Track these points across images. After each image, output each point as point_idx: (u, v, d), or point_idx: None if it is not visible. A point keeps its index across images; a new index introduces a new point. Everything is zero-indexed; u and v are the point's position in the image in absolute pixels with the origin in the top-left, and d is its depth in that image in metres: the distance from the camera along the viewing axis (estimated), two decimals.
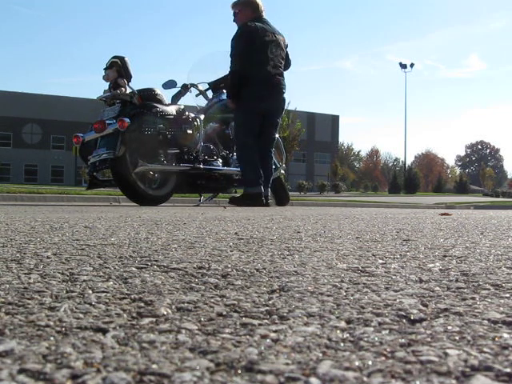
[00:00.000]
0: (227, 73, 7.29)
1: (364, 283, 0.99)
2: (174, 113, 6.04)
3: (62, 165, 53.26)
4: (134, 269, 1.12)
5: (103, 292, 0.87)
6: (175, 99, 7.06)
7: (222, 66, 7.38)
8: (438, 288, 0.94)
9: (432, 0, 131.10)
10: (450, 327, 0.67)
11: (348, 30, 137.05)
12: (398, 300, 0.83)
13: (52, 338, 0.61)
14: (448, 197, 31.26)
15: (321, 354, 0.56)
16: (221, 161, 6.62)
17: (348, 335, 0.64)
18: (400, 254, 1.44)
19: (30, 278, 0.99)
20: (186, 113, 6.25)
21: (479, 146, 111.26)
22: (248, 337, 0.63)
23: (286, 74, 6.29)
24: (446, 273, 1.12)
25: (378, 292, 0.90)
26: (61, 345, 0.58)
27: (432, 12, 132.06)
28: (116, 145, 5.46)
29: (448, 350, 0.57)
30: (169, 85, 7.17)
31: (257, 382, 0.49)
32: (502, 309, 0.77)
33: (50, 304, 0.78)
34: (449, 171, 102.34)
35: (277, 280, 1.02)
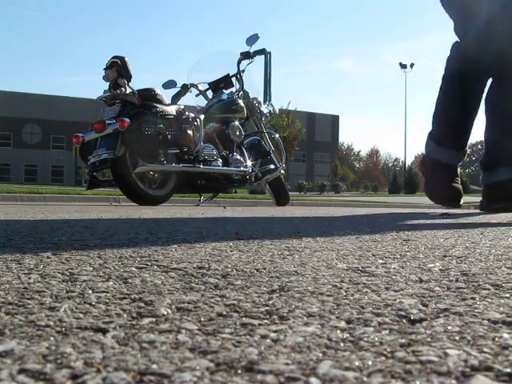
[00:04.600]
0: (227, 73, 7.30)
1: (364, 283, 0.99)
2: (174, 113, 6.04)
3: (61, 165, 53.24)
4: (133, 269, 1.12)
5: (103, 292, 0.87)
6: (175, 99, 7.06)
7: (221, 66, 7.39)
8: (437, 288, 0.94)
9: (429, 0, 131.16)
10: (449, 327, 0.67)
11: (346, 30, 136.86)
12: (397, 300, 0.83)
13: (52, 338, 0.61)
14: None
15: (321, 354, 0.56)
16: (221, 161, 6.62)
17: (348, 335, 0.64)
18: (400, 254, 1.44)
19: (30, 278, 0.99)
20: (186, 113, 6.25)
21: (479, 146, 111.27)
22: (248, 337, 0.63)
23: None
24: (446, 273, 1.12)
25: (378, 292, 0.90)
26: (61, 345, 0.58)
27: (430, 12, 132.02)
28: (116, 145, 5.46)
29: (448, 350, 0.57)
30: (169, 85, 7.17)
31: (257, 382, 0.49)
32: (501, 309, 0.77)
33: (50, 304, 0.78)
34: None
35: (277, 280, 1.02)
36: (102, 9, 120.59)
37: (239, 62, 7.29)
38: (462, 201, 4.62)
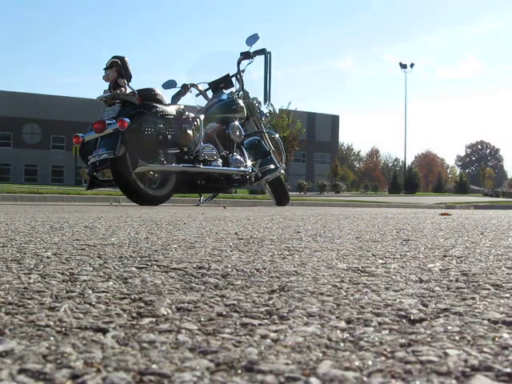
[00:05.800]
0: (227, 73, 7.31)
1: (364, 283, 0.99)
2: (174, 113, 6.04)
3: (61, 165, 53.23)
4: (133, 269, 1.12)
5: (103, 292, 0.87)
6: (175, 99, 7.06)
7: (221, 66, 7.40)
8: (437, 288, 0.94)
9: (429, 1, 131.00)
10: (449, 327, 0.67)
11: (347, 30, 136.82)
12: (398, 300, 0.83)
13: (52, 338, 0.61)
14: (448, 197, 31.22)
15: (321, 354, 0.56)
16: (221, 161, 6.62)
17: (348, 335, 0.64)
18: (400, 254, 1.44)
19: (30, 278, 0.99)
20: (186, 113, 6.25)
21: (479, 146, 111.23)
22: (248, 337, 0.63)
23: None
24: (446, 273, 1.12)
25: (378, 292, 0.90)
26: (61, 345, 0.58)
27: (430, 12, 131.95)
28: (116, 145, 5.46)
29: (448, 350, 0.57)
30: (169, 85, 7.17)
31: (257, 382, 0.49)
32: (501, 309, 0.77)
33: (50, 304, 0.78)
34: (449, 171, 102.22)
35: (277, 280, 1.02)
36: (102, 9, 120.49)
37: (239, 62, 7.29)
38: None
